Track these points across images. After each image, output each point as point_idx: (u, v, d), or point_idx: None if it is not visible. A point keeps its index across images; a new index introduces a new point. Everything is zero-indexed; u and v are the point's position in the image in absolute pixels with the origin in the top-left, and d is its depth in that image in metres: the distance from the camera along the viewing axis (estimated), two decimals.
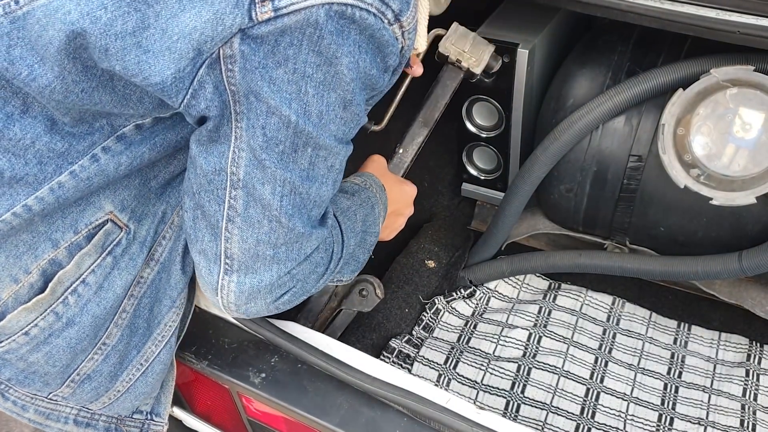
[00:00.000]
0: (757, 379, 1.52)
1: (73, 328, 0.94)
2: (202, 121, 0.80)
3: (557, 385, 1.53)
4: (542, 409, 1.49)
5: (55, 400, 1.00)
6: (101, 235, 0.92)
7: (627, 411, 1.49)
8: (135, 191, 0.94)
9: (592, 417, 1.48)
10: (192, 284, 1.11)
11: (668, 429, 1.46)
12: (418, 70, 1.20)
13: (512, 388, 1.53)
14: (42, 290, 0.91)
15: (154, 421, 1.12)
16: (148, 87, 0.76)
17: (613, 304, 1.70)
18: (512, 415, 1.49)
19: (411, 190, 1.28)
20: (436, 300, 1.70)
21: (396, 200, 1.22)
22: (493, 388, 1.54)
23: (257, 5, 0.70)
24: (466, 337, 1.64)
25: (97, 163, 0.86)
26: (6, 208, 0.85)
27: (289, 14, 0.71)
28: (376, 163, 1.23)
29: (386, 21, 0.76)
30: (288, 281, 0.87)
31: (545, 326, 1.64)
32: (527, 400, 1.51)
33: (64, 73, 0.76)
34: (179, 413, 1.36)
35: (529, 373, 1.55)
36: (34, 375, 0.96)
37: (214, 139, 0.80)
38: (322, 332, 1.29)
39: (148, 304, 1.03)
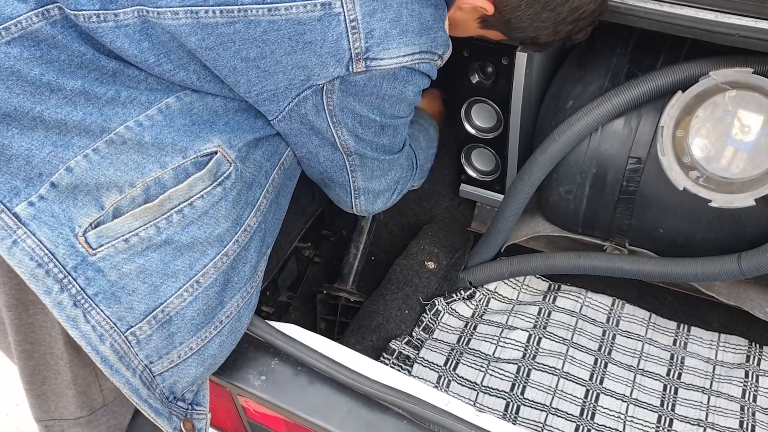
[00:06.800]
0: (757, 381, 1.53)
1: (170, 246, 1.01)
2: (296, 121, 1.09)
3: (557, 386, 1.53)
4: (542, 410, 1.50)
5: (130, 342, 1.00)
6: (213, 163, 1.03)
7: (626, 412, 1.50)
8: (240, 134, 1.07)
9: (592, 418, 1.49)
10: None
11: (667, 430, 1.46)
12: None
13: (512, 389, 1.53)
14: (145, 204, 1.00)
15: (196, 410, 1.13)
16: (263, 91, 1.04)
17: (612, 305, 1.70)
18: (512, 417, 1.49)
19: (435, 95, 1.69)
20: (436, 301, 1.70)
21: (424, 107, 1.62)
22: (493, 389, 1.54)
23: (354, 62, 1.01)
24: (466, 339, 1.65)
25: (198, 92, 1.06)
26: (119, 123, 1.00)
27: (376, 69, 1.02)
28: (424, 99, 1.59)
29: (435, 62, 1.09)
30: (393, 185, 1.28)
31: (545, 327, 1.64)
32: (527, 401, 1.51)
33: (188, 69, 1.04)
34: None
35: (528, 375, 1.55)
36: (122, 291, 0.99)
37: (323, 138, 1.12)
38: None
39: (244, 258, 1.10)
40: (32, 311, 1.04)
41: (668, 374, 1.57)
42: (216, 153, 1.04)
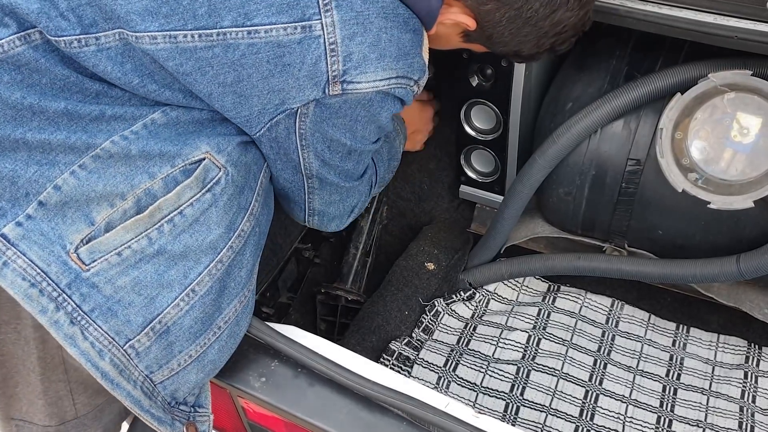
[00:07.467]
0: (756, 381, 1.53)
1: (163, 256, 1.00)
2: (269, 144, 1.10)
3: (556, 387, 1.54)
4: (541, 411, 1.50)
5: (129, 355, 1.00)
6: (201, 170, 1.02)
7: (626, 413, 1.50)
8: (229, 138, 1.06)
9: (591, 419, 1.49)
10: None
11: (667, 431, 1.47)
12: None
13: (511, 390, 1.54)
14: (136, 215, 0.99)
15: (198, 412, 1.13)
16: (237, 117, 1.04)
17: (611, 306, 1.70)
18: (511, 418, 1.50)
19: (428, 112, 1.66)
20: (435, 302, 1.70)
21: (414, 122, 1.59)
22: (493, 390, 1.54)
23: (330, 85, 1.00)
24: (466, 340, 1.65)
25: (184, 106, 1.05)
26: (104, 138, 0.99)
27: (352, 92, 1.02)
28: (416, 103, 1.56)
29: (411, 88, 1.08)
30: (349, 210, 1.28)
31: (544, 328, 1.65)
32: (526, 402, 1.52)
33: (171, 90, 1.03)
34: None
35: (528, 376, 1.55)
36: (118, 305, 0.98)
37: (287, 160, 1.12)
38: None
39: (239, 264, 1.09)
40: (4, 329, 1.04)
41: (667, 375, 1.57)
42: (204, 159, 1.03)
